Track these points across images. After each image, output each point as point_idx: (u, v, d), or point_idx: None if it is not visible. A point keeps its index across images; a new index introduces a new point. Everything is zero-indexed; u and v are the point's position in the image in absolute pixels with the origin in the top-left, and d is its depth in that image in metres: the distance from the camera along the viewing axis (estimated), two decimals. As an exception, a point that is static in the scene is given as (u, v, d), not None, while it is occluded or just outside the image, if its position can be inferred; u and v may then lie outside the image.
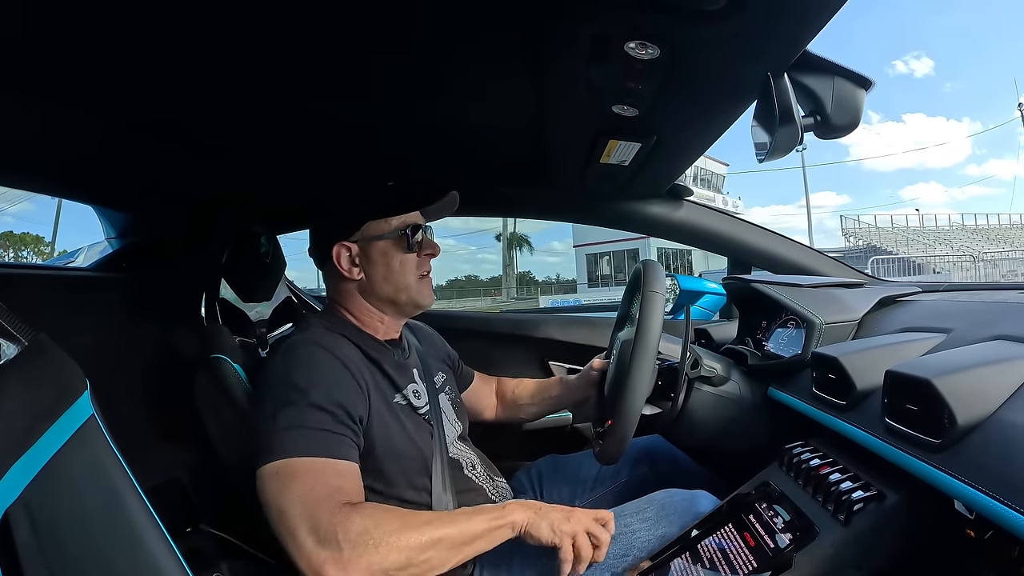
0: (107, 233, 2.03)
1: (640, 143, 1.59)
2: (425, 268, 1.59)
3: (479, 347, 2.60)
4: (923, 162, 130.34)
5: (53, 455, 0.83)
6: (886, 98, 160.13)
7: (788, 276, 2.01)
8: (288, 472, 1.18)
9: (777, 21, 1.00)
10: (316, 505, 1.13)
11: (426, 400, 1.58)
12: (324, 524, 1.10)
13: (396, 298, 1.56)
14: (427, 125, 1.64)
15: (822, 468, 1.25)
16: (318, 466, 1.21)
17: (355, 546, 1.08)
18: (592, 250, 42.56)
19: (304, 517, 1.12)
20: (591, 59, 1.14)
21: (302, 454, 1.21)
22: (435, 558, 1.15)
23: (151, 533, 0.89)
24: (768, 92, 1.16)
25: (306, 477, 1.18)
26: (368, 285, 1.55)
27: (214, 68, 1.21)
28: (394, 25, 1.09)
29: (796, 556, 1.10)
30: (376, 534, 1.10)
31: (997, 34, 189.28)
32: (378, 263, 1.53)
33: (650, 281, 1.46)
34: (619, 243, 38.99)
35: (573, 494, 1.81)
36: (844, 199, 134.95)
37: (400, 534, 1.12)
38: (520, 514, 1.25)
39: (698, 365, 1.64)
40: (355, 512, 1.13)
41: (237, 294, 2.06)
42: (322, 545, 1.09)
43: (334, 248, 1.53)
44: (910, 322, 1.46)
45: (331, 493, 1.16)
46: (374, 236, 1.52)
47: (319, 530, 1.10)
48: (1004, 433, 0.89)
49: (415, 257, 1.55)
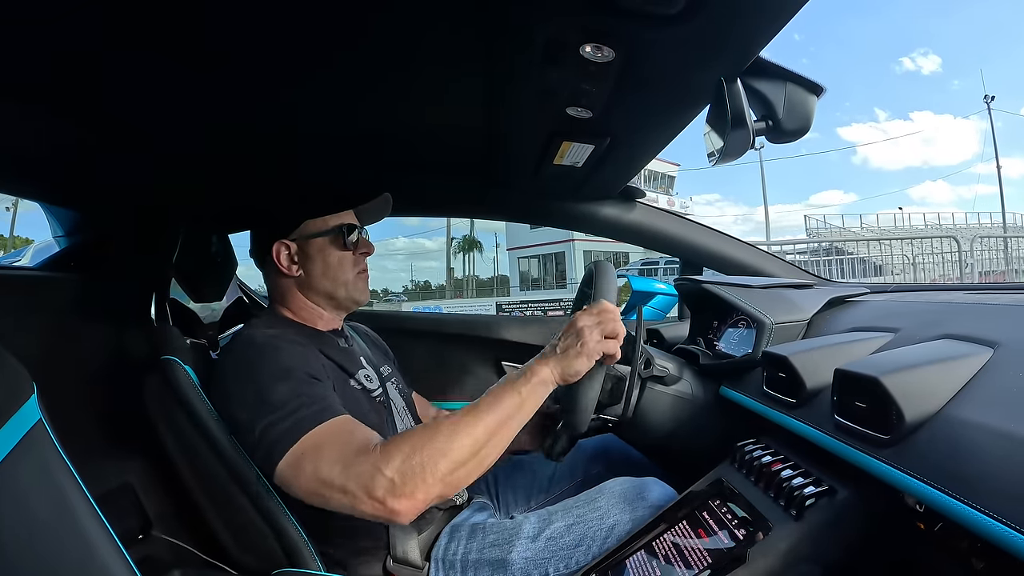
0: (55, 231, 1.97)
1: (594, 145, 1.60)
2: (361, 265, 1.63)
3: (432, 348, 2.60)
4: (930, 160, 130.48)
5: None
6: (893, 96, 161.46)
7: (739, 277, 2.04)
8: (313, 447, 1.20)
9: (731, 26, 1.02)
10: (353, 460, 1.15)
11: (378, 384, 1.61)
12: (368, 470, 1.13)
13: (335, 293, 1.60)
14: (379, 125, 1.63)
15: (774, 465, 1.27)
16: (334, 428, 1.23)
17: (404, 474, 1.11)
18: (523, 253, 42.64)
19: (349, 475, 1.14)
20: (546, 61, 1.14)
21: (315, 425, 1.22)
22: (486, 446, 1.20)
23: (102, 541, 0.87)
24: (721, 96, 1.18)
25: (331, 443, 1.20)
26: (307, 280, 1.58)
27: (165, 68, 1.19)
28: (347, 26, 1.08)
29: (750, 551, 1.11)
30: (417, 457, 1.13)
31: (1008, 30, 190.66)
32: (316, 259, 1.57)
33: (601, 279, 1.47)
34: (547, 246, 39.25)
35: (529, 495, 1.81)
36: (851, 197, 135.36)
37: (439, 444, 1.15)
38: (545, 369, 1.29)
39: (650, 365, 1.65)
40: (390, 446, 1.16)
41: (187, 294, 2.03)
42: (376, 488, 1.11)
43: (274, 246, 1.56)
44: (858, 322, 1.49)
45: (359, 445, 1.19)
46: (312, 233, 1.57)
47: (366, 476, 1.12)
48: (951, 429, 0.91)
49: (351, 255, 1.60)
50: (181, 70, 1.21)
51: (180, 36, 1.08)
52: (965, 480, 0.83)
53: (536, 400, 1.27)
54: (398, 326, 2.80)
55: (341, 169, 1.94)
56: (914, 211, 46.81)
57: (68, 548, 0.84)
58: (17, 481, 0.83)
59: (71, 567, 0.84)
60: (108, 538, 0.88)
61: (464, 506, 1.62)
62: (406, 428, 1.61)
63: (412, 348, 2.01)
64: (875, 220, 25.79)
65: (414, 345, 2.35)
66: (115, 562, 0.87)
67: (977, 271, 13.03)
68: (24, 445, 0.85)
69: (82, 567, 0.84)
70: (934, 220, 26.50)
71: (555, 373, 1.29)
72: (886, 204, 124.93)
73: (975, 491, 0.81)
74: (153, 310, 1.89)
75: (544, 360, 1.31)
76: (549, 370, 1.29)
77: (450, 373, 2.51)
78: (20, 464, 0.84)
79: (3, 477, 0.81)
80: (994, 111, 35.73)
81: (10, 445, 0.83)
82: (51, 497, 0.86)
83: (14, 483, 0.82)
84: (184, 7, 0.99)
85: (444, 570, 1.42)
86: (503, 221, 4.30)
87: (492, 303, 27.25)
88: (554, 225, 2.46)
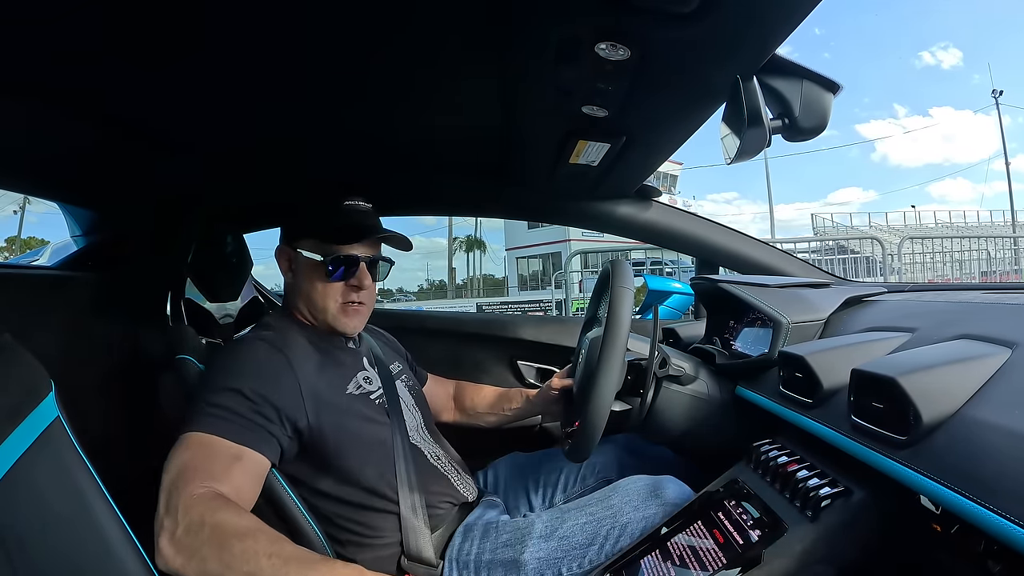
0: (72, 231, 1.99)
1: (609, 144, 1.60)
2: (351, 298, 1.56)
3: (449, 346, 2.61)
4: (950, 157, 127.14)
5: (18, 459, 0.82)
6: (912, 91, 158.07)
7: (755, 276, 2.03)
8: (185, 443, 1.20)
9: (747, 24, 1.01)
10: (187, 477, 1.12)
11: (379, 386, 1.60)
12: (181, 497, 1.08)
13: (313, 316, 1.58)
14: (396, 125, 1.64)
15: (790, 465, 1.27)
16: (214, 444, 1.21)
17: (188, 531, 1.04)
18: (521, 253, 42.41)
19: (170, 485, 1.12)
20: (561, 60, 1.14)
21: (205, 430, 1.22)
22: None
23: (118, 537, 0.88)
24: (737, 94, 1.18)
25: (196, 450, 1.19)
26: (297, 292, 1.58)
27: (184, 66, 1.20)
28: (364, 27, 1.09)
29: (765, 552, 1.11)
30: (212, 534, 1.04)
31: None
32: (304, 277, 1.55)
33: (619, 277, 1.47)
34: (544, 246, 39.02)
35: (537, 494, 1.81)
36: (871, 195, 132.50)
37: (229, 548, 1.02)
38: None
39: (666, 364, 1.64)
40: (214, 502, 1.10)
41: (203, 294, 2.04)
42: (168, 515, 1.07)
43: (277, 248, 1.59)
44: (875, 322, 1.48)
45: (210, 473, 1.15)
46: (306, 250, 1.54)
47: (172, 500, 1.09)
48: (968, 430, 0.90)
49: (341, 286, 1.55)
50: (199, 71, 1.22)
51: (207, 31, 1.08)
52: (982, 482, 0.82)
53: None
54: (418, 325, 2.82)
55: (357, 169, 1.94)
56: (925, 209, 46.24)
57: (85, 543, 0.85)
58: (35, 477, 0.84)
59: (88, 562, 0.85)
60: (124, 534, 0.89)
61: (476, 504, 1.62)
62: (414, 423, 1.63)
63: (428, 346, 2.01)
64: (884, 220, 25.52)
65: (430, 343, 2.35)
66: (131, 557, 0.88)
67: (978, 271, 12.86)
68: (42, 442, 0.87)
69: (99, 562, 0.85)
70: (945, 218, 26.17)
71: None
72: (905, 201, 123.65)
73: (992, 493, 0.80)
74: (169, 309, 1.91)
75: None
76: None
77: (466, 372, 2.51)
78: (38, 460, 0.85)
79: (21, 473, 0.82)
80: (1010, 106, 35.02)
81: (28, 442, 0.84)
82: (68, 493, 0.87)
83: (32, 479, 0.83)
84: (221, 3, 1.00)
85: (458, 570, 1.42)
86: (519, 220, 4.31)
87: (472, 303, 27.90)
88: (570, 224, 2.47)
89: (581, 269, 15.71)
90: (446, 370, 2.15)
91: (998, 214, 27.73)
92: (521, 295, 34.57)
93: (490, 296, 40.03)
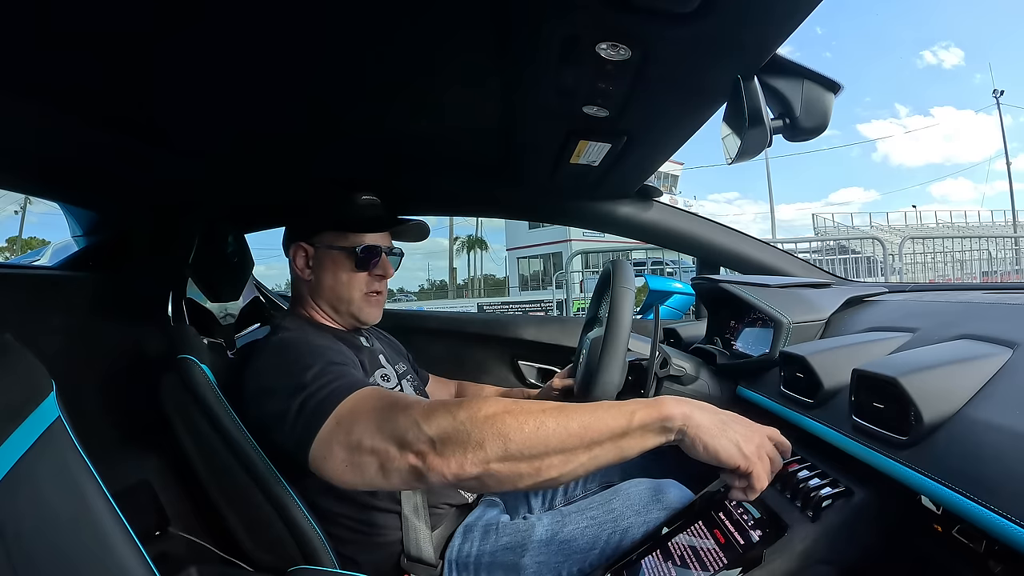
0: (74, 231, 2.00)
1: (610, 144, 1.59)
2: (374, 287, 1.62)
3: (450, 347, 2.62)
4: (952, 157, 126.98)
5: (19, 459, 0.82)
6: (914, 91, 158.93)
7: (756, 276, 2.03)
8: (346, 416, 1.11)
9: (748, 24, 1.01)
10: (388, 418, 1.05)
11: (396, 383, 1.63)
12: (403, 424, 1.01)
13: (338, 307, 1.60)
14: (397, 125, 1.63)
15: (791, 465, 1.27)
16: (367, 394, 1.15)
17: (444, 439, 0.97)
18: (522, 253, 42.35)
19: (383, 432, 1.03)
20: (562, 60, 1.14)
21: (346, 396, 1.14)
22: (553, 456, 0.97)
23: (120, 538, 0.88)
24: (738, 94, 1.17)
25: (364, 408, 1.11)
26: (316, 287, 1.59)
27: (187, 68, 1.20)
28: (365, 27, 1.08)
29: (766, 552, 1.11)
30: (466, 427, 0.97)
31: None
32: (327, 270, 1.58)
33: (620, 277, 1.47)
34: (545, 246, 38.96)
35: (537, 495, 1.80)
36: (872, 195, 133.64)
37: (499, 425, 0.96)
38: (678, 412, 1.02)
39: (667, 364, 1.65)
40: (437, 406, 1.02)
41: (204, 294, 2.04)
42: (412, 442, 0.99)
43: (292, 247, 1.59)
44: (876, 322, 1.48)
45: (397, 406, 1.07)
46: (328, 244, 1.57)
47: (401, 430, 1.01)
48: (969, 430, 0.91)
49: (365, 276, 1.59)
50: (200, 71, 1.22)
51: (207, 32, 1.08)
52: (983, 482, 0.82)
53: (641, 441, 1.01)
54: (420, 325, 2.82)
55: (358, 169, 1.94)
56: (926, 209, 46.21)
57: (86, 544, 0.85)
58: (35, 478, 0.83)
59: (89, 563, 0.84)
60: (125, 534, 0.88)
61: (474, 505, 1.62)
62: None
63: (429, 347, 2.01)
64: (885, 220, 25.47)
65: (431, 344, 2.36)
66: (132, 558, 0.87)
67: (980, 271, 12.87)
68: (43, 442, 0.86)
69: (100, 563, 0.85)
70: (946, 218, 26.12)
71: (689, 425, 1.00)
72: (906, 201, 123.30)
73: (994, 493, 0.80)
74: (170, 309, 1.91)
75: (685, 404, 1.03)
76: (683, 417, 1.01)
77: (467, 371, 2.51)
78: (39, 461, 0.84)
79: (22, 474, 0.81)
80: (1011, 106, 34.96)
81: (29, 442, 0.84)
82: (69, 494, 0.86)
83: (33, 479, 0.83)
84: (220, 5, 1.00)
85: (458, 571, 1.42)
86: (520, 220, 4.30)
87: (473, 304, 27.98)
88: (571, 224, 2.47)
89: (582, 269, 15.72)
90: (447, 370, 2.16)
91: (999, 214, 27.75)
92: (522, 295, 34.46)
93: (491, 296, 40.05)
